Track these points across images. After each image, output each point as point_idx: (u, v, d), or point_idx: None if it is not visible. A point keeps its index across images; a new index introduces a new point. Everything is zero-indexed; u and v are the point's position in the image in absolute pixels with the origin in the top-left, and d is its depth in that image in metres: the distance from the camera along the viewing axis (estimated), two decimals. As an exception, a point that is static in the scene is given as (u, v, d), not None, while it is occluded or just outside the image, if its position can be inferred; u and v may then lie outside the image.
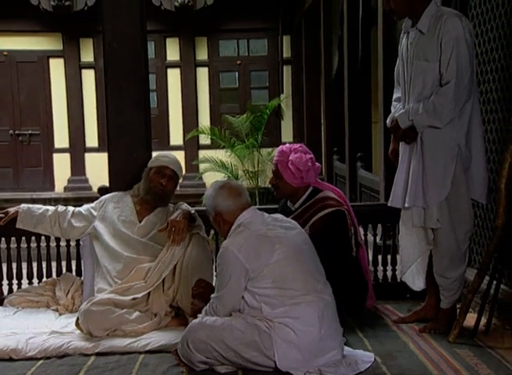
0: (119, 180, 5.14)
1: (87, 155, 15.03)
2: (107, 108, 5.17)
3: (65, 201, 13.33)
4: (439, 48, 4.06)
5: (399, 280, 5.15)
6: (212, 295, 3.79)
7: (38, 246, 5.16)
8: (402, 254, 4.52)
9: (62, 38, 14.79)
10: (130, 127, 5.12)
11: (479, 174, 4.21)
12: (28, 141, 14.83)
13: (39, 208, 4.99)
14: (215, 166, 13.65)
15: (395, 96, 4.49)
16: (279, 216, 3.94)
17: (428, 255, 4.39)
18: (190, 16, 14.30)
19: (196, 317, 3.97)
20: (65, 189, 14.84)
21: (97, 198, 5.14)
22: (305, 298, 3.58)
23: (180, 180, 5.04)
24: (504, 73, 4.43)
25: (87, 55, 14.98)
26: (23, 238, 5.10)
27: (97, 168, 14.46)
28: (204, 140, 14.78)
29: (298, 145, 4.65)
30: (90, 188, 14.72)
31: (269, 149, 13.98)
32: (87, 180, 14.93)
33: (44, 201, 13.98)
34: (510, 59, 4.36)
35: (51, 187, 14.94)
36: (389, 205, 4.44)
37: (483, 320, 4.26)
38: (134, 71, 5.11)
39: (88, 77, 14.98)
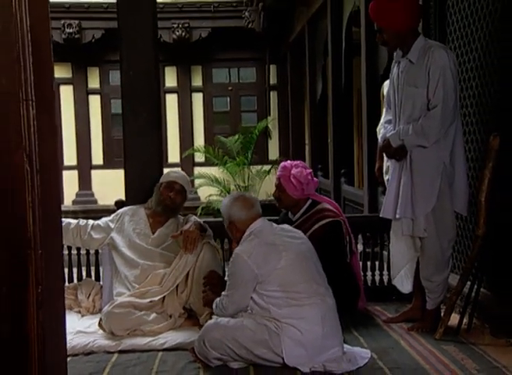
0: (135, 194, 5.09)
1: (93, 171, 14.97)
2: (124, 130, 5.13)
3: (74, 214, 13.27)
4: (427, 76, 4.08)
5: (386, 284, 5.18)
6: (223, 293, 3.77)
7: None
8: (392, 260, 4.51)
9: (71, 67, 14.75)
10: (145, 147, 5.08)
11: (461, 189, 4.22)
12: (40, 159, 14.74)
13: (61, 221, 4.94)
14: (209, 182, 13.66)
15: (386, 118, 4.51)
16: (285, 226, 3.93)
17: (415, 261, 4.39)
18: (186, 47, 14.33)
19: (209, 315, 4.04)
20: (73, 202, 14.74)
21: (106, 211, 5.10)
22: (309, 301, 3.57)
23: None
24: (481, 99, 4.45)
25: (94, 82, 14.96)
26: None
27: (102, 183, 14.55)
28: (199, 158, 14.80)
29: (298, 162, 4.68)
30: (95, 202, 14.69)
31: (258, 166, 14.05)
32: (92, 195, 14.86)
33: (55, 214, 13.90)
34: (486, 87, 4.40)
35: (61, 201, 14.83)
36: (380, 216, 4.44)
37: (465, 320, 4.26)
38: (148, 96, 5.09)
39: (94, 102, 14.97)
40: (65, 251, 5.10)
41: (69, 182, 14.78)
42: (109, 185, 14.40)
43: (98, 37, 13.80)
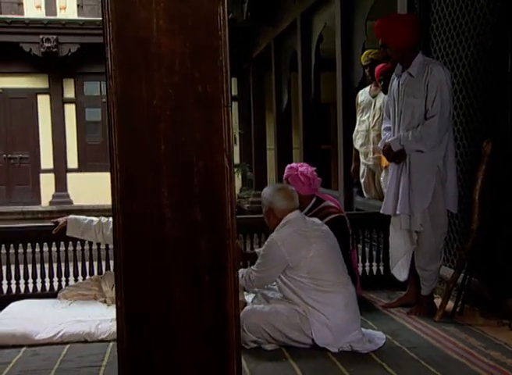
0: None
1: (68, 174, 14.65)
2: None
3: (50, 214, 13.04)
4: (425, 88, 4.18)
5: (375, 273, 5.27)
6: (253, 267, 3.76)
7: (82, 249, 5.04)
8: (391, 252, 4.60)
9: (48, 78, 14.40)
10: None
11: (452, 189, 4.32)
12: (19, 163, 14.41)
13: (84, 218, 4.88)
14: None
15: (385, 126, 4.60)
16: (316, 219, 3.98)
17: (411, 253, 4.46)
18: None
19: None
20: (50, 203, 14.43)
21: (81, 210, 5.04)
22: (334, 288, 3.64)
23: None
24: (469, 110, 4.57)
25: (69, 92, 14.66)
26: (70, 242, 4.98)
27: (77, 185, 14.34)
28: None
29: (302, 163, 4.72)
30: (71, 202, 14.42)
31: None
32: (68, 196, 14.56)
33: (33, 214, 13.78)
34: (474, 99, 4.51)
35: (38, 202, 14.49)
36: (381, 212, 4.53)
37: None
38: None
39: (70, 110, 14.66)
40: (87, 246, 5.04)
41: (46, 184, 14.53)
42: (84, 187, 14.23)
43: (74, 50, 13.59)
